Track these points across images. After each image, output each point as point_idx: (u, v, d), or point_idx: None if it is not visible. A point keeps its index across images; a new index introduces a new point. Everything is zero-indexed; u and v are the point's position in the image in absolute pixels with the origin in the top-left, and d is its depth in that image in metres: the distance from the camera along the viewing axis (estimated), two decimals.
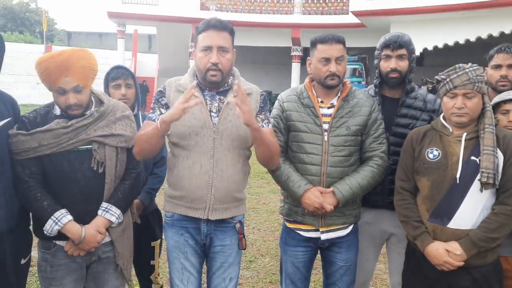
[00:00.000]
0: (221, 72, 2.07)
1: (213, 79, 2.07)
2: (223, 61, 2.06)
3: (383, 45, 2.41)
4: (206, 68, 2.06)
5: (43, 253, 2.11)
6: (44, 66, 1.97)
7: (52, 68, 1.96)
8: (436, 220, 2.05)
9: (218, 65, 2.05)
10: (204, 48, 2.06)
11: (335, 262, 2.37)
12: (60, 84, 1.96)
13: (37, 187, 2.00)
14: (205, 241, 2.19)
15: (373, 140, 2.28)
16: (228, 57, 2.09)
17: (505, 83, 2.47)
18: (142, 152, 2.10)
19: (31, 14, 40.16)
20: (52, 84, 1.98)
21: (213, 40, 2.05)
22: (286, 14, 19.78)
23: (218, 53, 2.05)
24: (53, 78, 1.96)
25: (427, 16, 13.94)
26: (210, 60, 2.04)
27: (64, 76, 1.96)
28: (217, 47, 2.05)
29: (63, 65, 1.96)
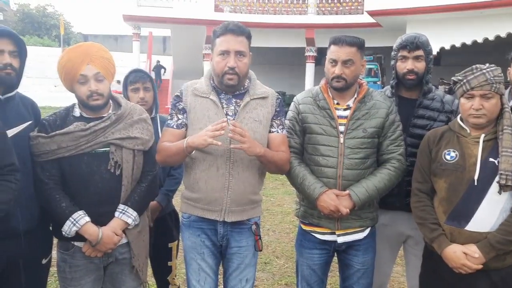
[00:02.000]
0: (238, 76, 2.08)
1: (230, 83, 2.09)
2: (240, 65, 2.08)
3: (400, 46, 2.39)
4: (223, 72, 2.08)
5: (62, 254, 2.14)
6: (66, 57, 2.05)
7: (74, 57, 2.04)
8: (454, 222, 2.03)
9: (235, 69, 2.07)
10: (221, 52, 2.08)
11: (352, 265, 2.36)
12: (82, 71, 2.02)
13: (56, 188, 2.04)
14: (221, 242, 2.21)
15: (391, 142, 2.26)
16: (245, 61, 2.10)
17: None
18: (166, 163, 2.25)
19: (48, 18, 40.81)
20: (75, 74, 2.04)
21: (230, 45, 2.06)
22: (300, 15, 19.72)
23: (235, 57, 2.07)
24: (76, 66, 2.03)
25: (444, 15, 13.76)
26: (227, 64, 2.06)
27: (86, 64, 2.03)
28: (234, 52, 2.07)
29: (85, 53, 2.05)
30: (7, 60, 1.91)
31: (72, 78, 2.05)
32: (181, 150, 2.06)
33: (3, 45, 1.91)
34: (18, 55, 1.98)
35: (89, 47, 2.09)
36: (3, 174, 1.80)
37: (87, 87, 2.04)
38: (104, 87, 2.08)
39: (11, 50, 1.94)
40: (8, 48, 1.93)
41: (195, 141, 2.01)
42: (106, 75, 2.09)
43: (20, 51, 1.99)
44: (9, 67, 1.92)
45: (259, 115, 2.14)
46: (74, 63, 2.03)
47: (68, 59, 2.05)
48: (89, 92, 2.04)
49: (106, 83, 2.09)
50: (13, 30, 2.02)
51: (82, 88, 2.05)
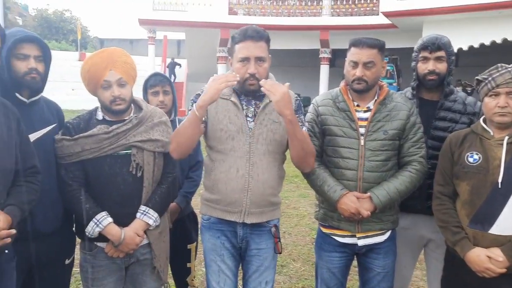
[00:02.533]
0: (259, 81, 2.09)
1: (251, 88, 2.11)
2: (261, 71, 2.09)
3: (421, 47, 2.37)
4: (244, 78, 2.09)
5: (84, 254, 2.18)
6: (90, 62, 2.10)
7: (98, 62, 2.08)
8: (477, 225, 2.01)
9: (256, 75, 2.08)
10: (241, 59, 2.09)
11: (372, 268, 2.34)
12: (105, 77, 2.07)
13: (79, 190, 2.07)
14: (241, 244, 2.21)
15: (412, 144, 2.24)
16: (265, 66, 2.12)
17: None
18: (179, 147, 2.10)
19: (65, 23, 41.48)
20: (98, 79, 2.08)
21: (250, 51, 2.07)
22: (315, 16, 19.67)
23: (255, 64, 2.08)
24: (100, 72, 2.07)
25: (462, 15, 13.58)
26: (248, 71, 2.07)
27: (109, 69, 2.07)
28: (254, 58, 2.07)
29: (108, 59, 2.09)
30: (32, 65, 1.95)
31: (96, 83, 2.09)
32: (193, 116, 1.99)
33: (29, 50, 1.96)
34: (43, 59, 2.02)
35: (112, 52, 2.12)
36: (26, 176, 1.84)
37: (110, 92, 2.08)
38: (127, 92, 2.12)
39: (36, 55, 1.98)
40: (33, 53, 1.97)
41: (205, 98, 1.96)
42: (128, 79, 2.13)
43: (45, 56, 2.03)
44: (34, 71, 1.96)
45: (278, 116, 2.14)
46: (97, 68, 2.07)
47: (92, 65, 2.09)
48: (112, 97, 2.08)
49: (128, 87, 2.13)
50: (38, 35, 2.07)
51: (105, 93, 2.09)
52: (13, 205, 1.73)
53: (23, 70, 1.94)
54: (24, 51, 1.94)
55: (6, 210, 1.68)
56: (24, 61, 1.94)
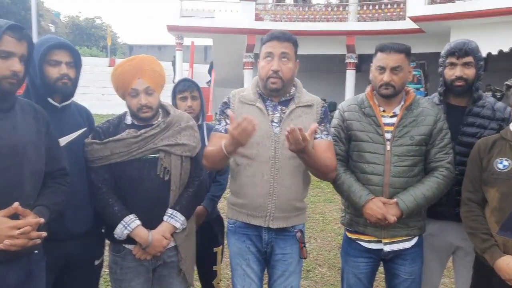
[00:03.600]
0: (282, 80, 2.10)
1: (273, 87, 2.11)
2: (284, 69, 2.10)
3: (448, 53, 2.35)
4: (268, 75, 2.11)
5: (113, 256, 2.22)
6: (120, 70, 2.14)
7: (127, 70, 2.12)
8: (507, 233, 1.97)
9: (279, 73, 2.09)
10: (266, 55, 2.12)
11: (399, 274, 2.31)
12: (133, 85, 2.11)
13: (108, 193, 2.12)
14: (266, 249, 2.22)
15: (439, 150, 2.22)
16: (290, 66, 2.12)
17: None
18: (213, 167, 2.23)
19: (96, 29, 42.49)
20: (127, 87, 2.13)
21: (274, 48, 2.10)
22: (341, 22, 19.58)
23: (279, 60, 2.09)
24: (128, 80, 2.11)
25: (490, 19, 13.27)
26: (271, 67, 2.09)
27: (138, 78, 2.11)
28: (278, 54, 2.09)
29: (137, 67, 2.12)
30: (64, 71, 2.02)
31: (124, 90, 2.15)
32: (220, 151, 2.01)
33: (61, 56, 2.02)
34: (74, 65, 2.08)
35: (141, 61, 2.16)
36: (55, 177, 1.89)
37: (138, 100, 2.12)
38: (154, 100, 2.16)
39: (68, 61, 2.04)
40: (65, 59, 2.03)
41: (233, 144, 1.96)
42: (156, 87, 2.17)
43: (76, 62, 2.09)
44: (66, 77, 2.02)
45: (303, 123, 2.14)
46: (126, 76, 2.12)
47: (121, 72, 2.14)
48: (139, 105, 2.12)
49: (155, 95, 2.17)
50: (69, 42, 2.13)
51: (133, 101, 2.14)
52: (43, 206, 1.77)
53: (55, 76, 2.00)
54: (56, 58, 2.01)
55: (35, 210, 1.72)
56: (56, 67, 2.01)
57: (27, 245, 1.65)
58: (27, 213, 1.67)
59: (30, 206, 1.72)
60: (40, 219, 1.68)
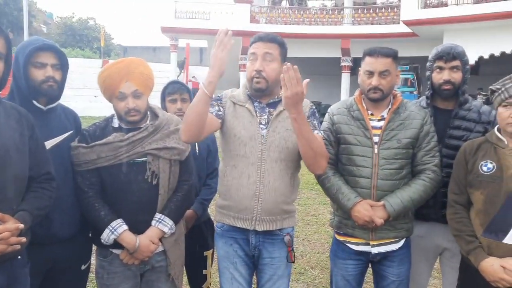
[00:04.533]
0: (265, 80, 2.10)
1: (257, 86, 2.11)
2: (268, 69, 2.10)
3: (436, 57, 2.37)
4: (252, 76, 2.12)
5: (100, 261, 2.21)
6: (107, 73, 2.12)
7: (114, 73, 2.10)
8: (491, 235, 1.99)
9: (262, 73, 2.09)
10: (250, 56, 2.13)
11: (387, 276, 2.33)
12: (121, 88, 2.09)
13: (95, 197, 2.11)
14: (254, 253, 2.21)
15: (425, 153, 2.24)
16: (273, 67, 2.11)
17: None
18: (187, 126, 1.96)
19: (89, 30, 42.30)
20: (114, 90, 2.10)
21: (258, 49, 2.11)
22: (336, 25, 19.67)
23: (262, 61, 2.09)
24: (115, 83, 2.09)
25: (482, 24, 13.42)
26: (254, 68, 2.10)
27: (125, 81, 2.09)
28: (261, 54, 2.10)
29: (125, 70, 2.10)
30: (49, 73, 2.00)
31: (111, 93, 2.13)
32: (201, 94, 1.91)
33: (46, 58, 2.00)
34: (60, 68, 2.06)
35: (129, 63, 2.14)
36: (40, 182, 1.86)
37: (125, 104, 2.11)
38: (142, 103, 2.15)
39: (53, 63, 2.02)
40: (50, 61, 2.01)
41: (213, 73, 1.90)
42: (144, 90, 2.15)
43: (62, 64, 2.07)
44: (51, 79, 2.00)
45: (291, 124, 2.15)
46: (113, 79, 2.10)
47: (108, 75, 2.12)
48: (126, 109, 2.11)
49: (144, 98, 2.16)
50: (55, 43, 2.11)
51: (120, 104, 2.12)
52: (25, 211, 1.73)
53: (40, 78, 1.98)
54: (41, 60, 1.99)
55: (17, 215, 1.69)
56: (41, 69, 1.99)
57: (6, 251, 1.62)
58: (6, 218, 1.64)
59: (13, 211, 1.69)
60: (19, 225, 1.64)
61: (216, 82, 1.93)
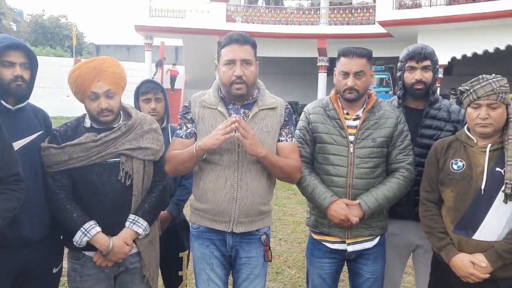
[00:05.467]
0: (246, 85, 2.09)
1: (238, 92, 2.10)
2: (247, 74, 2.09)
3: (407, 57, 2.41)
4: (231, 81, 2.09)
5: (72, 263, 2.16)
6: (77, 73, 2.06)
7: (85, 73, 2.04)
8: (461, 231, 2.04)
9: (243, 78, 2.07)
10: (227, 62, 2.09)
11: (362, 274, 2.35)
12: (92, 88, 2.04)
13: (67, 198, 2.06)
14: (230, 253, 2.21)
15: (399, 151, 2.27)
16: (252, 70, 2.11)
17: None
18: (176, 171, 2.22)
19: (61, 29, 41.38)
20: (85, 90, 2.06)
21: (235, 54, 2.08)
22: (312, 25, 19.80)
23: (241, 66, 2.08)
24: (87, 83, 2.04)
25: (455, 25, 13.74)
26: (234, 73, 2.07)
27: (97, 81, 2.04)
28: (240, 60, 2.07)
29: (96, 70, 2.05)
30: (18, 72, 1.95)
31: (83, 93, 2.08)
32: (192, 155, 2.06)
33: (14, 57, 1.95)
34: (29, 67, 2.02)
35: (100, 63, 2.09)
36: (8, 183, 1.82)
37: (97, 104, 2.06)
38: (115, 103, 2.11)
39: (22, 62, 1.98)
40: (19, 60, 1.97)
41: (206, 142, 2.02)
42: (117, 90, 2.11)
43: (31, 63, 2.02)
44: (20, 79, 1.96)
45: (267, 126, 2.15)
46: (84, 79, 2.05)
47: (78, 75, 2.06)
48: (99, 109, 2.07)
49: (116, 98, 2.12)
50: (24, 42, 2.06)
51: (92, 104, 2.08)
52: None
53: (8, 77, 1.94)
54: (10, 59, 1.94)
55: None
56: (10, 69, 1.94)
57: None
58: None
59: None
60: None
61: (207, 151, 2.06)
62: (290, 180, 2.27)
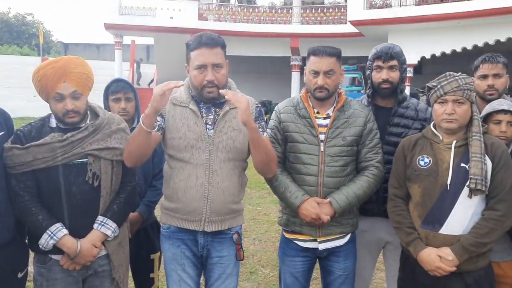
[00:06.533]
0: (218, 88, 2.08)
1: (210, 96, 2.09)
2: (219, 77, 2.07)
3: (375, 56, 2.44)
4: (202, 85, 2.07)
5: (38, 268, 2.10)
6: (42, 73, 1.99)
7: (50, 74, 1.98)
8: (428, 226, 2.08)
9: (214, 82, 2.06)
10: (198, 66, 2.06)
11: (334, 271, 2.37)
12: (58, 89, 1.98)
13: (32, 201, 2.00)
14: (202, 253, 2.19)
15: (369, 150, 2.29)
16: (223, 72, 2.10)
17: (493, 92, 2.53)
18: (131, 155, 2.04)
19: (27, 27, 40.26)
20: (50, 91, 1.99)
21: (206, 58, 2.05)
22: (285, 24, 19.88)
23: (212, 70, 2.06)
24: (51, 84, 1.98)
25: (424, 25, 14.06)
26: (206, 78, 2.05)
27: (62, 82, 1.98)
28: (211, 65, 2.05)
29: (61, 71, 1.99)
30: None
31: (47, 94, 2.02)
32: (139, 127, 1.95)
33: None
34: None
35: (66, 63, 2.02)
36: None
37: (63, 105, 2.01)
38: (81, 104, 2.05)
39: None
40: None
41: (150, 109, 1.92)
42: (83, 91, 2.06)
43: None
44: None
45: (238, 124, 2.13)
46: (49, 80, 1.98)
47: (43, 75, 1.99)
48: (64, 110, 2.01)
49: (83, 99, 2.06)
50: None
51: (57, 105, 2.02)
52: None
53: None
54: None
55: None
56: None
57: None
58: None
59: None
60: None
61: (152, 116, 1.95)
62: (268, 169, 2.19)
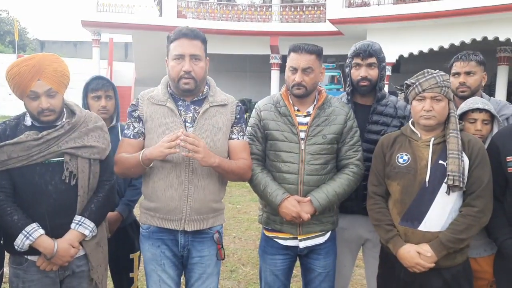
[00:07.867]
0: (194, 80, 2.06)
1: (186, 87, 2.07)
2: (196, 69, 2.06)
3: (354, 54, 2.45)
4: (179, 76, 2.05)
5: (14, 269, 2.05)
6: (15, 70, 1.94)
7: (24, 72, 1.93)
8: (407, 223, 2.10)
9: (191, 73, 2.05)
10: (176, 56, 2.05)
11: (314, 269, 2.38)
12: (32, 87, 1.94)
13: (6, 200, 1.96)
14: (182, 253, 2.17)
15: (349, 148, 2.30)
16: (201, 65, 2.08)
17: (464, 89, 2.57)
18: (124, 175, 2.22)
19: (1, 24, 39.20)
20: (24, 89, 1.94)
21: (184, 48, 2.04)
22: (264, 22, 19.88)
23: (190, 61, 2.05)
24: (26, 82, 1.93)
25: (402, 24, 14.22)
26: (182, 68, 2.04)
27: (37, 79, 1.93)
28: (189, 55, 2.04)
29: (36, 68, 1.94)
30: None
31: (22, 92, 1.97)
32: (138, 163, 2.03)
33: None
34: None
35: (40, 60, 1.97)
36: None
37: (38, 103, 1.96)
38: (57, 102, 2.01)
39: None
40: None
41: (152, 152, 1.99)
42: (59, 88, 2.01)
43: None
44: None
45: (218, 122, 2.13)
46: (23, 78, 1.93)
47: (17, 73, 1.94)
48: (39, 109, 1.97)
49: (58, 97, 2.02)
50: None
51: (32, 104, 1.97)
52: None
53: None
54: None
55: None
56: None
57: None
58: None
59: None
60: None
61: (153, 161, 2.04)
62: (241, 180, 2.28)
